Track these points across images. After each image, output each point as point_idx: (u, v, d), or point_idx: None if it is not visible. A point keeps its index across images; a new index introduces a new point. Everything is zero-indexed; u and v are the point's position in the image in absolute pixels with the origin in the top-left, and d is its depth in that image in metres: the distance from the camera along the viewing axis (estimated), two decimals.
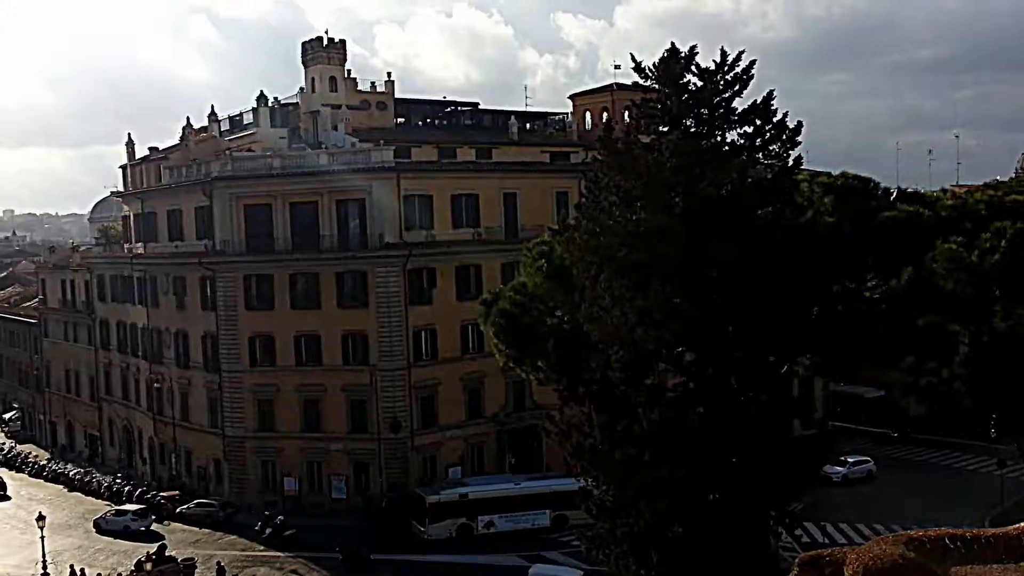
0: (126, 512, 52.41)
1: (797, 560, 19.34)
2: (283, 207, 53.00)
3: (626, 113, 46.53)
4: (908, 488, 50.80)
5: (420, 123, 66.47)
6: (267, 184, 53.29)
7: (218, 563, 42.92)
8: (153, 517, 52.36)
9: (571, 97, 70.11)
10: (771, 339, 25.62)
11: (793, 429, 28.89)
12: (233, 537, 49.57)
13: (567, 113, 69.92)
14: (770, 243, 24.74)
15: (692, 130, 25.58)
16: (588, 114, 68.22)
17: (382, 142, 53.83)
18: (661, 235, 24.74)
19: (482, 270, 53.40)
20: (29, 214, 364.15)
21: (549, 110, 71.39)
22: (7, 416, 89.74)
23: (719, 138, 25.90)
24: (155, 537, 49.30)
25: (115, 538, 47.04)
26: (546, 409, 37.19)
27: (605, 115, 62.94)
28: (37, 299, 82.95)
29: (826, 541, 40.22)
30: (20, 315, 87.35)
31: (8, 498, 62.48)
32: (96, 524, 52.17)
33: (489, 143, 60.46)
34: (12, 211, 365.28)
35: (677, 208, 25.13)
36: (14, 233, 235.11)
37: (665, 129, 25.93)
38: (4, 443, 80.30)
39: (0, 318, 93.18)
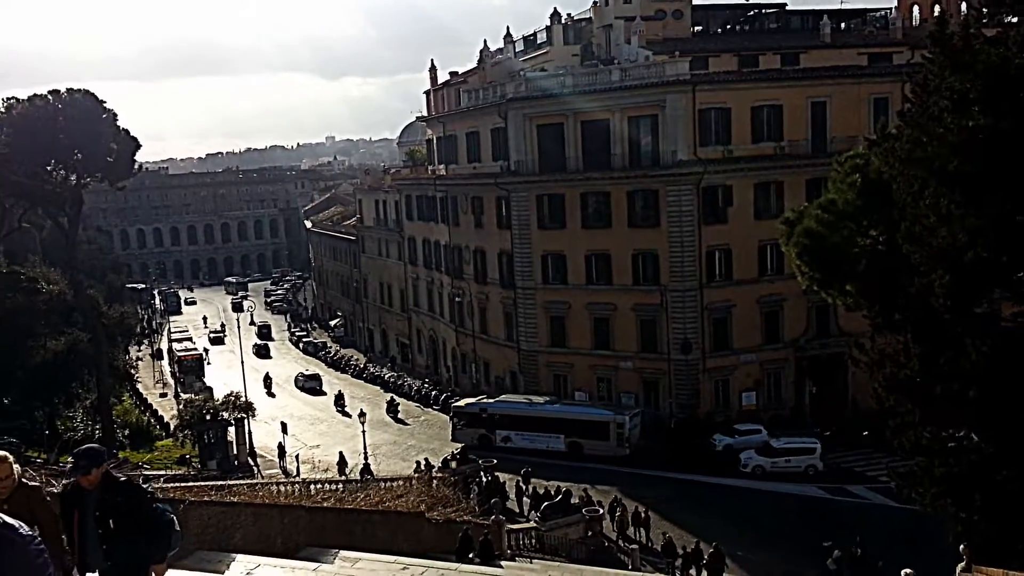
0: (304, 376, 74.63)
1: None
2: (574, 126, 53.16)
3: (964, 3, 40.75)
4: None
5: (719, 30, 63.12)
6: (558, 103, 53.54)
7: (524, 469, 44.04)
8: (321, 381, 73.15)
9: None
10: None
11: None
12: None
13: (890, 9, 62.95)
14: None
15: None
16: (916, 8, 61.10)
17: (677, 53, 51.88)
18: (1004, 142, 21.26)
19: (784, 187, 50.20)
20: (347, 140, 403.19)
21: (869, 7, 64.73)
22: (332, 323, 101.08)
23: None
24: (323, 395, 69.20)
25: (301, 391, 72.15)
26: (853, 336, 34.46)
27: (937, 8, 55.93)
28: (355, 218, 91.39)
29: None
30: (341, 233, 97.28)
31: (324, 393, 71.30)
32: (294, 381, 73.83)
33: (796, 47, 55.78)
34: (333, 137, 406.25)
35: None
36: (335, 158, 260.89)
37: (1015, 20, 22.07)
38: (331, 347, 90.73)
39: (326, 235, 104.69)
